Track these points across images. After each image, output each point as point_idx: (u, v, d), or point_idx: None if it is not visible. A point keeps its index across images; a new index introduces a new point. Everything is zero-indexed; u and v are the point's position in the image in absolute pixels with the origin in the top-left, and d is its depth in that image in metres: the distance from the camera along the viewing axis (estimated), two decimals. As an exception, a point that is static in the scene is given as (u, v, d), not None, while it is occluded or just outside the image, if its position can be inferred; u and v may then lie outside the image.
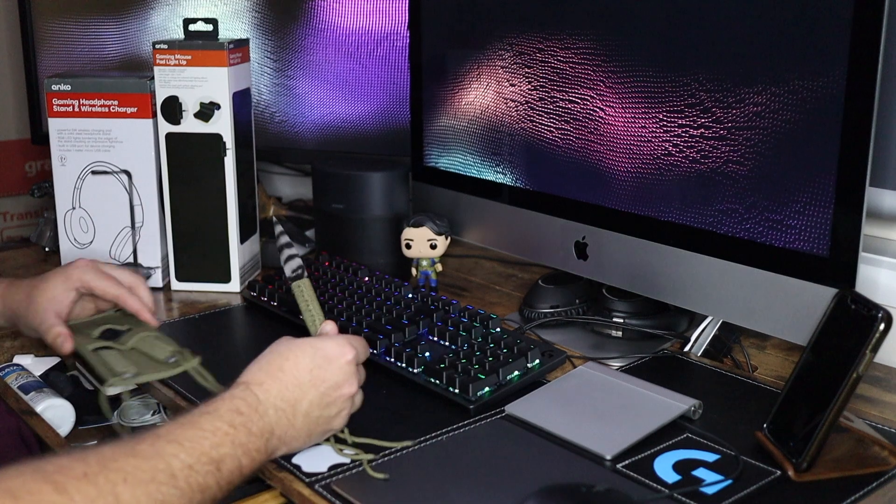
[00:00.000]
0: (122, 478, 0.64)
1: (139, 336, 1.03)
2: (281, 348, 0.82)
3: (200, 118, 1.25)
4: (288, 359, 0.80)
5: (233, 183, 1.27)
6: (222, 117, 1.25)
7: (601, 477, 0.81)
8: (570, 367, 1.02)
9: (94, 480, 0.62)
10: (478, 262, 1.48)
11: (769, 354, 1.10)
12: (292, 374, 0.79)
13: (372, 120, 1.47)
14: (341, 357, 0.82)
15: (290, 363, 0.80)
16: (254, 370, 0.80)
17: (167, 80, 1.25)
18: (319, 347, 0.82)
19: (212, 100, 1.24)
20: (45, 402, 1.07)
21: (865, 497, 0.78)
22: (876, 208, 1.10)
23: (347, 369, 0.83)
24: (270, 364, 0.80)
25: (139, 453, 0.66)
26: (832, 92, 0.85)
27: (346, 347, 0.83)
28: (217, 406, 0.75)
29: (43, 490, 0.60)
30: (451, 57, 1.27)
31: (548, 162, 1.15)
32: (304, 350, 0.81)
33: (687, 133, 0.98)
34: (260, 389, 0.78)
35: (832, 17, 0.84)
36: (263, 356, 0.82)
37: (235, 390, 0.77)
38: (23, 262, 1.49)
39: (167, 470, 0.67)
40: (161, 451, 0.67)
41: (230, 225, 1.28)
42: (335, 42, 1.46)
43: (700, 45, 0.95)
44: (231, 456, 0.71)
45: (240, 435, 0.73)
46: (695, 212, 0.99)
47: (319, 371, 0.81)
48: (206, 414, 0.73)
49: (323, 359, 0.81)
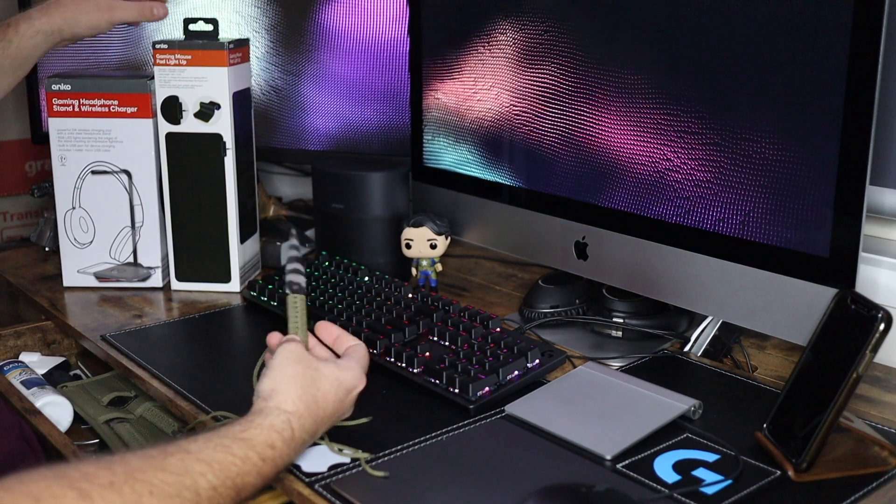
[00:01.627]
0: (147, 490, 0.63)
1: (145, 406, 1.10)
2: (311, 374, 0.81)
3: (200, 118, 1.25)
4: (320, 390, 0.80)
5: (233, 183, 1.27)
6: (222, 117, 1.25)
7: (601, 477, 0.81)
8: (570, 367, 1.02)
9: (119, 490, 0.62)
10: (478, 262, 1.48)
11: (769, 354, 1.10)
12: (322, 408, 0.80)
13: (372, 120, 1.47)
14: (357, 389, 0.85)
15: (321, 396, 0.80)
16: (293, 396, 0.78)
17: (167, 79, 1.24)
18: (343, 380, 0.83)
19: (212, 100, 1.24)
20: (44, 399, 1.07)
21: (865, 497, 0.78)
22: (876, 207, 1.10)
23: (355, 397, 0.85)
24: (306, 393, 0.79)
25: (167, 468, 0.66)
26: (832, 90, 0.85)
27: (362, 379, 0.85)
28: (253, 435, 0.73)
29: (67, 496, 0.60)
30: (451, 57, 1.27)
31: (548, 162, 1.15)
32: (331, 384, 0.82)
33: (687, 133, 0.98)
34: (297, 424, 0.77)
35: (832, 16, 0.84)
36: (296, 378, 0.80)
37: (276, 420, 0.76)
38: (23, 261, 1.49)
39: (193, 488, 0.66)
40: (190, 469, 0.67)
41: (230, 225, 1.28)
42: (336, 43, 1.46)
43: (700, 46, 0.95)
44: (252, 485, 0.72)
45: (266, 468, 0.73)
46: (695, 212, 0.99)
47: (339, 403, 0.83)
48: (240, 440, 0.72)
49: (345, 392, 0.83)
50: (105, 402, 1.13)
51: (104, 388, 1.17)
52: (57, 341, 1.29)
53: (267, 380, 0.80)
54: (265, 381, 0.80)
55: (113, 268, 1.33)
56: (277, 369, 0.80)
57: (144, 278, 1.32)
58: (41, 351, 1.27)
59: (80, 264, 1.33)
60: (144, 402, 1.12)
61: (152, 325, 1.19)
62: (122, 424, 1.09)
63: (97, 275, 1.33)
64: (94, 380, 1.20)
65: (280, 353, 0.82)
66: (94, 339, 1.14)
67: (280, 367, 0.80)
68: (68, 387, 1.17)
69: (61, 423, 1.07)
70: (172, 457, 0.67)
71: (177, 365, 1.06)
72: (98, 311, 1.25)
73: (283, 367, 0.80)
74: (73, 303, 1.28)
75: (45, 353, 1.26)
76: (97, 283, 1.33)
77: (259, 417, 0.75)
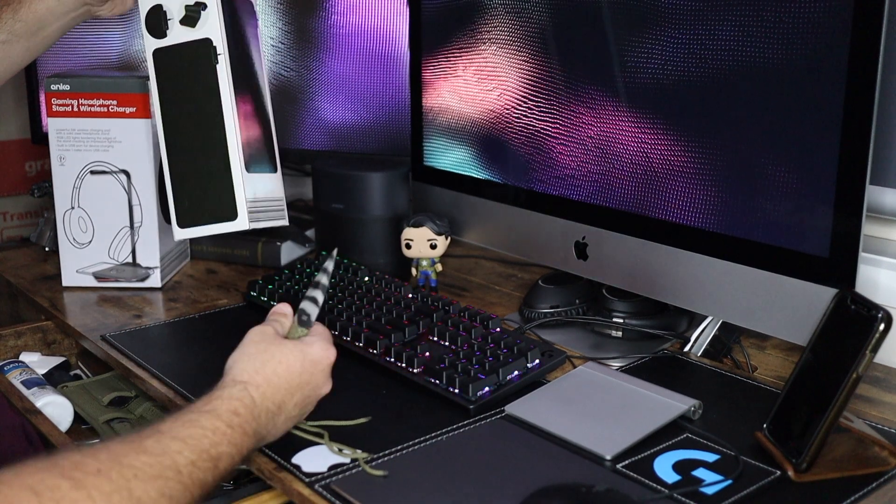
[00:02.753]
0: (133, 473, 0.66)
1: (145, 406, 1.10)
2: (273, 350, 0.83)
3: (187, 24, 1.06)
4: (281, 363, 0.82)
5: (229, 95, 1.07)
6: (210, 19, 1.06)
7: (601, 477, 0.81)
8: (570, 367, 1.02)
9: (108, 476, 0.64)
10: (478, 262, 1.48)
11: (769, 354, 1.10)
12: (285, 379, 0.82)
13: (372, 120, 1.47)
14: (326, 360, 0.86)
15: (283, 367, 0.82)
16: (249, 370, 0.81)
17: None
18: (308, 353, 0.85)
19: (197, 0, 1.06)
20: (45, 399, 1.07)
21: (865, 497, 0.78)
22: (876, 207, 1.10)
23: (328, 371, 0.87)
24: (265, 366, 0.82)
25: (147, 449, 0.68)
26: (832, 90, 0.85)
27: (330, 350, 0.87)
28: (216, 406, 0.76)
29: (62, 486, 0.62)
30: (451, 57, 1.27)
31: (548, 162, 1.15)
32: (295, 355, 0.84)
33: (687, 133, 0.98)
34: (256, 392, 0.79)
35: (833, 15, 0.84)
36: (256, 355, 0.83)
37: (233, 390, 0.79)
38: (23, 262, 1.49)
39: (173, 466, 0.69)
40: (167, 449, 0.69)
41: (230, 147, 1.07)
42: (336, 42, 1.46)
43: (700, 46, 0.95)
44: (227, 454, 0.74)
45: (236, 435, 0.75)
46: (695, 212, 0.99)
47: (307, 376, 0.84)
48: (205, 413, 0.75)
49: (311, 363, 0.85)
50: (105, 401, 1.14)
51: (104, 388, 1.17)
52: (57, 341, 1.29)
53: (229, 359, 0.83)
54: (228, 360, 0.83)
55: (112, 268, 1.33)
56: (238, 349, 0.84)
57: (143, 278, 1.32)
58: (41, 351, 1.27)
59: (79, 264, 1.33)
60: (145, 402, 1.12)
61: (152, 325, 1.19)
62: (123, 424, 1.09)
63: (96, 275, 1.33)
64: (95, 380, 1.20)
65: (247, 335, 0.85)
66: (94, 339, 1.14)
67: (241, 346, 0.84)
68: (69, 387, 1.17)
69: (62, 423, 1.07)
70: (149, 439, 0.70)
71: (177, 365, 1.06)
72: (98, 311, 1.25)
73: (244, 346, 0.84)
74: (73, 303, 1.28)
75: (45, 353, 1.26)
76: (96, 283, 1.33)
77: (217, 390, 0.79)
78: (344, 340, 1.06)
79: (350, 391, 0.98)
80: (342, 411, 0.92)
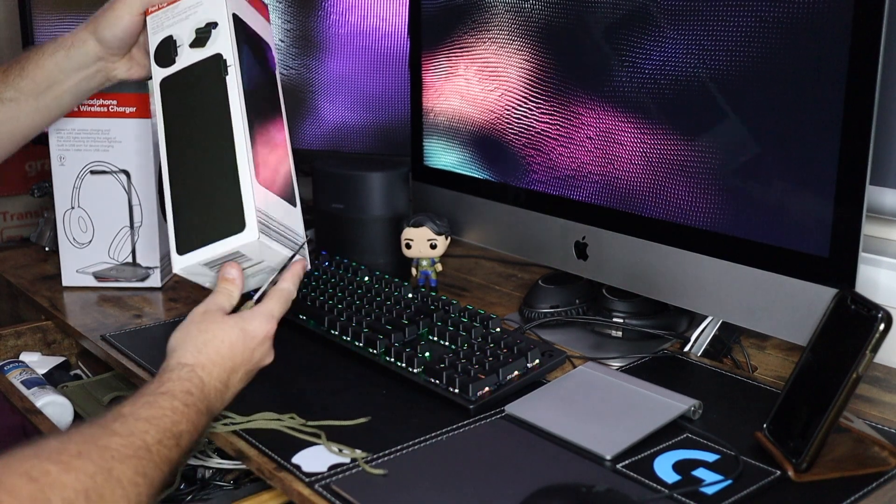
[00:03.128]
0: (110, 455, 0.69)
1: None
2: (214, 329, 0.85)
3: (197, 45, 0.97)
4: (224, 342, 0.85)
5: (239, 104, 0.95)
6: (220, 35, 0.97)
7: (601, 477, 0.81)
8: (570, 367, 1.02)
9: (89, 457, 0.67)
10: (478, 262, 1.48)
11: (769, 354, 1.10)
12: (229, 357, 0.85)
13: (372, 120, 1.47)
14: (267, 334, 0.88)
15: (225, 346, 0.85)
16: (192, 351, 0.83)
17: (160, 24, 1.00)
18: (247, 330, 0.87)
19: (207, 21, 0.98)
20: (45, 399, 1.07)
21: (865, 497, 0.78)
22: (876, 207, 1.10)
23: (268, 343, 0.89)
24: (208, 346, 0.84)
25: (116, 431, 0.71)
26: (832, 90, 0.85)
27: (269, 324, 0.88)
28: (169, 388, 0.79)
29: (51, 471, 0.64)
30: (451, 57, 1.27)
31: (548, 162, 1.15)
32: (236, 333, 0.86)
33: (687, 133, 0.98)
34: (203, 373, 0.82)
35: (833, 15, 0.84)
36: (198, 335, 0.85)
37: (182, 372, 0.81)
38: (23, 262, 1.49)
39: (144, 446, 0.72)
40: (133, 429, 0.72)
41: (238, 153, 0.92)
42: (336, 42, 1.46)
43: (700, 46, 0.95)
44: (187, 432, 0.77)
45: (191, 413, 0.78)
46: (695, 212, 0.99)
47: (249, 352, 0.86)
48: (161, 395, 0.78)
49: (252, 339, 0.87)
50: (105, 401, 1.13)
51: (105, 388, 1.17)
52: (57, 341, 1.29)
53: (172, 339, 0.85)
54: (170, 340, 0.85)
55: (112, 268, 1.33)
56: (181, 328, 0.86)
57: (143, 278, 1.32)
58: (41, 351, 1.27)
59: (79, 264, 1.33)
60: None
61: (152, 325, 1.19)
62: None
63: (96, 274, 1.33)
64: (95, 380, 1.20)
65: (191, 313, 0.87)
66: (94, 339, 1.14)
67: (184, 325, 0.86)
68: (69, 386, 1.17)
69: (62, 423, 1.07)
70: (115, 422, 0.73)
71: (176, 365, 1.06)
72: (97, 310, 1.25)
73: (187, 326, 0.86)
74: (73, 303, 1.28)
75: (45, 353, 1.27)
76: (96, 283, 1.33)
77: (167, 373, 0.81)
78: (344, 340, 1.06)
79: (350, 391, 0.98)
80: (342, 411, 0.92)
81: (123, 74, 1.07)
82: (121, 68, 1.07)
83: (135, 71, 1.08)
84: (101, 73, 1.06)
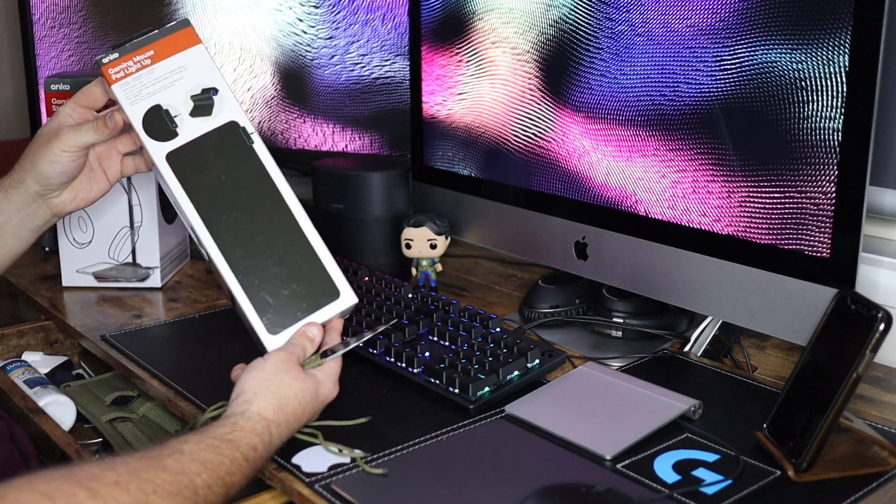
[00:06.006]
0: (151, 489, 0.67)
1: (148, 405, 1.10)
2: (295, 387, 0.83)
3: (201, 114, 0.94)
4: (300, 403, 0.83)
5: (276, 170, 0.94)
6: (226, 101, 0.94)
7: (601, 477, 0.81)
8: (570, 367, 1.02)
9: (126, 488, 0.66)
10: (478, 262, 1.48)
11: (769, 354, 1.10)
12: (300, 416, 0.84)
13: (372, 120, 1.47)
14: (329, 398, 0.88)
15: (300, 407, 0.83)
16: (274, 407, 0.81)
17: (136, 92, 0.93)
18: (321, 394, 0.86)
19: (203, 87, 0.95)
20: (47, 398, 1.07)
21: (865, 497, 0.78)
22: (876, 207, 1.10)
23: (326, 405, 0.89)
24: (289, 405, 0.82)
25: (166, 467, 0.70)
26: (832, 90, 0.85)
27: (336, 389, 0.88)
28: (238, 437, 0.77)
29: (78, 494, 0.63)
30: (451, 57, 1.27)
31: (548, 162, 1.15)
32: (311, 395, 0.85)
33: (687, 133, 0.98)
34: (276, 431, 0.80)
35: (833, 15, 0.84)
36: (280, 388, 0.82)
37: (258, 425, 0.79)
38: (23, 262, 1.49)
39: (190, 486, 0.70)
40: (186, 469, 0.71)
41: (303, 227, 0.94)
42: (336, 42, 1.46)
43: (699, 46, 0.95)
44: (239, 484, 0.76)
45: (249, 468, 0.77)
46: (695, 212, 0.99)
47: (313, 413, 0.86)
48: (227, 442, 0.76)
49: (321, 403, 0.87)
50: (108, 401, 1.14)
51: (107, 388, 1.17)
52: (59, 341, 1.29)
53: (252, 381, 0.82)
54: (250, 381, 0.82)
55: (112, 268, 1.33)
56: (260, 371, 0.83)
57: (143, 278, 1.32)
58: (44, 350, 1.27)
59: (79, 264, 1.33)
60: (147, 402, 1.12)
61: (152, 325, 1.19)
62: (125, 424, 1.09)
63: (96, 275, 1.33)
64: (97, 379, 1.20)
65: (270, 358, 0.84)
66: (94, 339, 1.14)
67: (264, 370, 0.83)
68: (71, 386, 1.17)
69: (64, 423, 1.07)
70: (169, 458, 0.71)
71: (177, 365, 1.06)
72: (98, 310, 1.25)
73: (268, 374, 0.83)
74: (73, 303, 1.28)
75: (47, 353, 1.27)
76: (96, 283, 1.33)
77: (242, 420, 0.79)
78: (343, 340, 1.06)
79: (350, 391, 0.98)
80: (342, 411, 0.92)
81: (70, 205, 1.00)
82: (65, 197, 1.00)
83: (81, 197, 1.00)
84: (45, 209, 1.00)
